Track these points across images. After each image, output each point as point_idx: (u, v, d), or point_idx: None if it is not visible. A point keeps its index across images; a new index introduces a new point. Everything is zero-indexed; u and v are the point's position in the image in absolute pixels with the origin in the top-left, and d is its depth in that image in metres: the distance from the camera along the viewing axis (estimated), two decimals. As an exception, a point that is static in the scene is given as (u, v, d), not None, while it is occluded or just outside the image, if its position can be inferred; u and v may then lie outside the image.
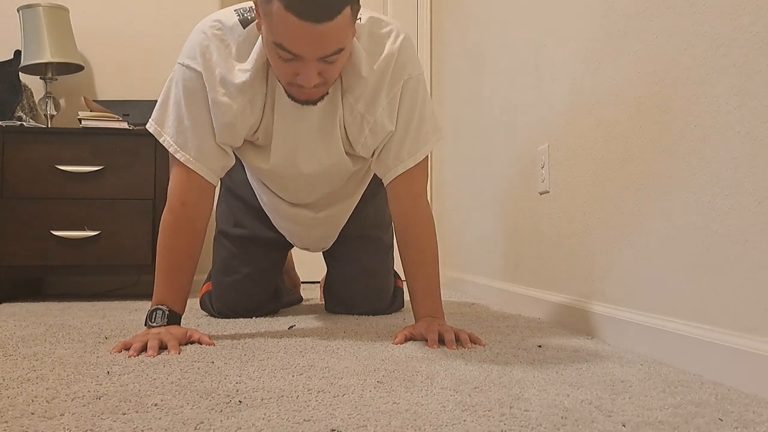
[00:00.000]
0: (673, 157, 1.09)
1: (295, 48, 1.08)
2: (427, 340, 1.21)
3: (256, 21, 1.18)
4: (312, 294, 2.39)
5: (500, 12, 2.19)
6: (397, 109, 1.32)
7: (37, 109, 2.49)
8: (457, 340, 1.21)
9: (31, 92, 2.51)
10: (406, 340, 1.25)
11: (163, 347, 1.15)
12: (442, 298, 1.37)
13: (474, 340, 1.23)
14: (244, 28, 1.26)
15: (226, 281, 1.69)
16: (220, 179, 1.43)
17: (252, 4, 1.21)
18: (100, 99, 2.56)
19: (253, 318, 1.68)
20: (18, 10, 2.43)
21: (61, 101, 2.58)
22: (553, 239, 1.66)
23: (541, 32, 1.76)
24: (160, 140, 1.33)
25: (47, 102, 2.43)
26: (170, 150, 1.31)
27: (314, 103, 1.24)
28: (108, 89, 2.65)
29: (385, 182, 1.38)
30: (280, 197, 1.58)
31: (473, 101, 2.55)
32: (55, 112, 2.45)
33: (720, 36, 0.97)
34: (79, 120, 2.27)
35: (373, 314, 1.73)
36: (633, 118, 1.24)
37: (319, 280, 2.20)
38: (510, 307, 1.95)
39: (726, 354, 0.91)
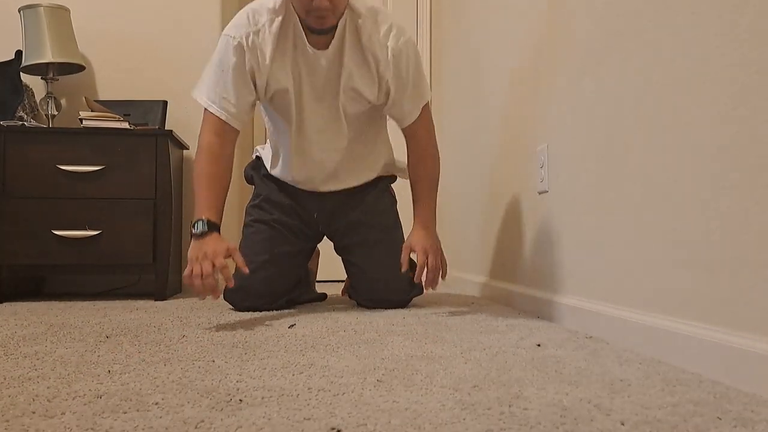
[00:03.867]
0: (673, 157, 1.09)
1: None
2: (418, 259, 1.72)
3: None
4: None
5: (500, 12, 2.19)
6: (394, 75, 1.74)
7: (38, 109, 2.49)
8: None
9: (33, 92, 2.52)
10: (407, 259, 1.79)
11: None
12: (444, 251, 1.85)
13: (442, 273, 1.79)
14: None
15: (250, 263, 1.83)
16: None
17: None
18: (101, 99, 2.56)
19: (265, 311, 1.79)
20: (19, 11, 2.43)
21: (62, 101, 2.58)
22: (552, 238, 1.66)
23: (541, 32, 1.77)
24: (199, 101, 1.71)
25: (48, 102, 2.44)
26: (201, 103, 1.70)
27: (327, 32, 1.64)
28: (109, 89, 2.65)
29: (402, 127, 1.87)
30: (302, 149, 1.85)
31: (473, 101, 2.55)
32: (56, 112, 2.45)
33: (720, 36, 0.97)
34: (80, 120, 2.27)
35: (399, 306, 1.91)
36: (632, 117, 1.24)
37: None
38: (509, 305, 1.96)
39: (725, 353, 0.92)
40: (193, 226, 1.55)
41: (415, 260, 1.81)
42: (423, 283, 1.80)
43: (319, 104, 1.76)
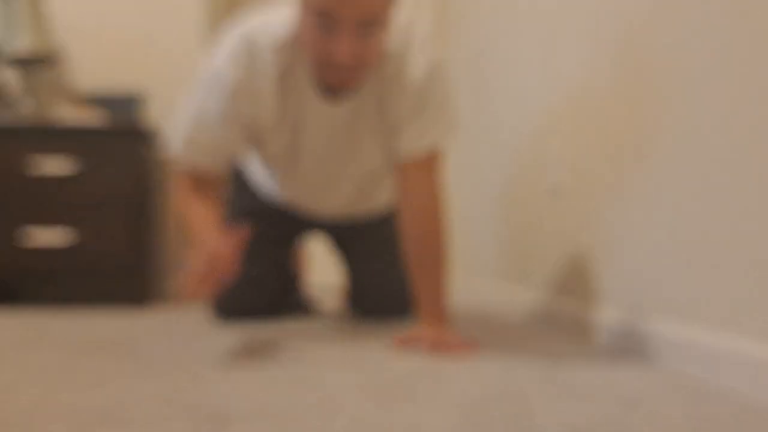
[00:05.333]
0: (678, 157, 1.08)
1: (332, 8, 1.12)
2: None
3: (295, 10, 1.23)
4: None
5: (507, 9, 2.17)
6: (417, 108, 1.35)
7: (12, 105, 2.42)
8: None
9: (5, 85, 2.44)
10: (404, 343, 1.27)
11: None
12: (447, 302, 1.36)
13: (470, 347, 1.24)
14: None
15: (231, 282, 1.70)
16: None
17: None
18: (79, 94, 2.49)
19: (253, 323, 1.69)
20: (-6, -1, 2.37)
21: (38, 96, 2.49)
22: (561, 238, 1.63)
23: (550, 29, 1.75)
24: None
25: (23, 96, 2.36)
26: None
27: (343, 91, 1.29)
28: (87, 84, 2.56)
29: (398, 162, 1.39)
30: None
31: (479, 98, 2.53)
32: (31, 108, 2.38)
33: (721, 36, 0.97)
34: (57, 117, 2.20)
35: (401, 313, 1.77)
36: (646, 113, 1.22)
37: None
38: (517, 310, 1.91)
39: (748, 365, 0.88)
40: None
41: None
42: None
43: (320, 163, 1.48)
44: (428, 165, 1.39)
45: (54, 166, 2.15)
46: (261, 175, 1.70)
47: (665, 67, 1.14)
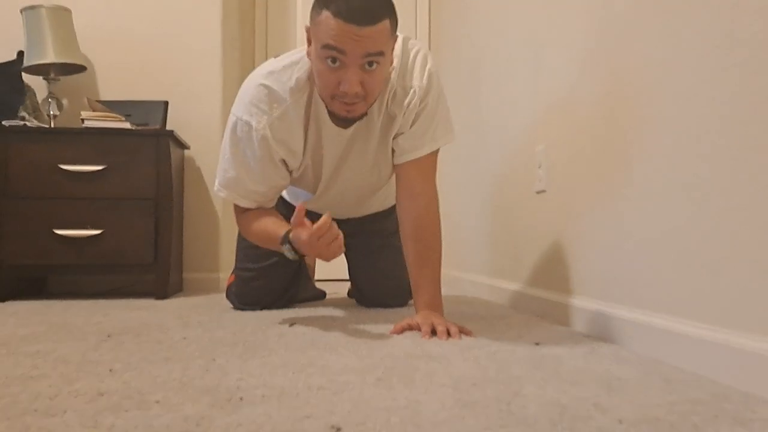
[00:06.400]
0: (671, 157, 1.10)
1: (340, 43, 1.21)
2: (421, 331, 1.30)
3: (307, 49, 1.33)
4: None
5: (498, 12, 2.19)
6: (415, 117, 1.46)
7: (39, 110, 2.50)
8: (448, 332, 1.28)
9: (34, 92, 2.52)
10: (403, 330, 1.33)
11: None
12: (441, 294, 1.46)
13: (464, 332, 1.30)
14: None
15: (248, 271, 1.81)
16: None
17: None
18: (102, 99, 2.56)
19: (264, 310, 1.79)
20: (21, 11, 2.43)
21: (64, 101, 2.58)
22: (550, 238, 1.67)
23: (540, 32, 1.77)
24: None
25: (50, 102, 2.44)
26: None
27: (354, 120, 1.37)
28: (110, 90, 2.65)
29: (397, 163, 1.51)
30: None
31: (471, 101, 2.55)
32: (57, 113, 2.45)
33: (719, 36, 0.97)
34: (82, 120, 2.27)
35: (399, 306, 1.88)
36: (631, 117, 1.24)
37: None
38: (507, 305, 1.96)
39: (723, 352, 0.92)
40: (287, 251, 1.39)
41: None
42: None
43: (336, 178, 1.60)
44: (427, 166, 1.48)
45: (80, 166, 2.22)
46: None
47: (644, 77, 1.15)
